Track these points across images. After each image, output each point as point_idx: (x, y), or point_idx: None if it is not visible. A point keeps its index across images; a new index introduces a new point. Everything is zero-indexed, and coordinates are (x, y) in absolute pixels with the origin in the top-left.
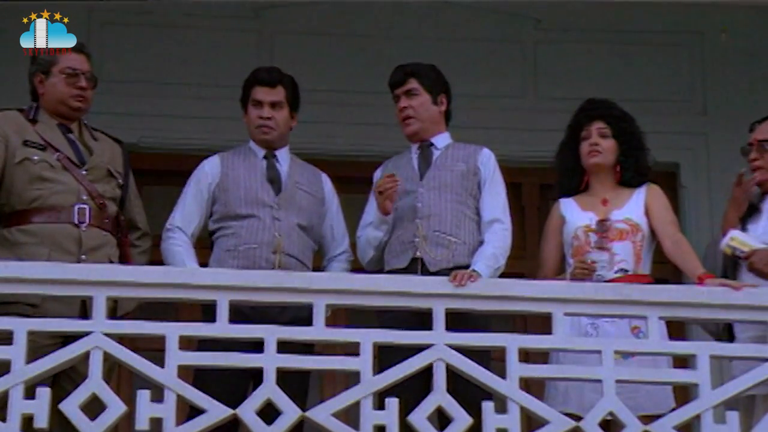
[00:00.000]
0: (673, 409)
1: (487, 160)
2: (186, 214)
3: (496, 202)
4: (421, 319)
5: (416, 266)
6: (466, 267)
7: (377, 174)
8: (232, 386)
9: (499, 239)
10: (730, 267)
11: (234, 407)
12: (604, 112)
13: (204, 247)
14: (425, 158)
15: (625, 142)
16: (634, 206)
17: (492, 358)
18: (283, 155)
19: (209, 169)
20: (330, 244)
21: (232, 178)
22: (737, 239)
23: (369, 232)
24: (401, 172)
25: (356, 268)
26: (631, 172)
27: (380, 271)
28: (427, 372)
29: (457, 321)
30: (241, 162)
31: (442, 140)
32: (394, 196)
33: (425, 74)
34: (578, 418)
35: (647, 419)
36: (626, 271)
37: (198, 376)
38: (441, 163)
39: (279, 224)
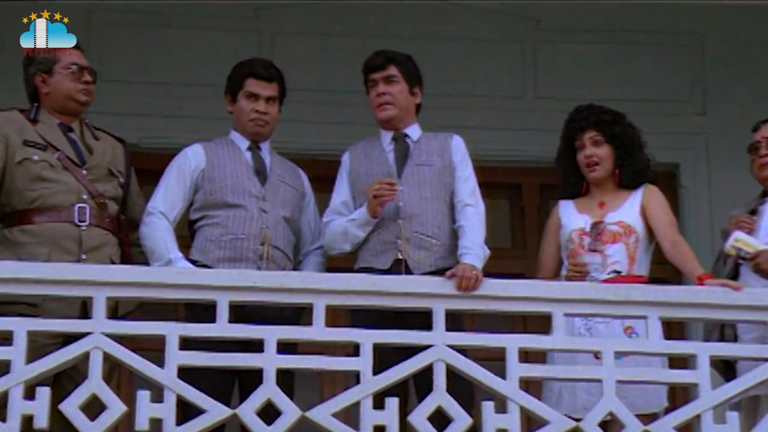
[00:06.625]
0: (671, 409)
1: (457, 148)
2: (169, 200)
3: (466, 186)
4: (402, 318)
5: (399, 268)
6: (448, 269)
7: (345, 157)
8: (219, 382)
9: (476, 225)
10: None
11: (222, 402)
12: (594, 119)
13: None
14: (401, 152)
15: (621, 145)
16: (629, 208)
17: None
18: (266, 148)
19: (192, 156)
20: (307, 239)
21: (218, 167)
22: (742, 240)
23: (350, 228)
24: (375, 164)
25: (347, 267)
26: (630, 173)
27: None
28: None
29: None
30: (225, 152)
31: (414, 131)
32: (386, 203)
33: (404, 63)
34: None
35: (640, 418)
36: (619, 272)
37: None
38: (417, 157)
39: (266, 216)
